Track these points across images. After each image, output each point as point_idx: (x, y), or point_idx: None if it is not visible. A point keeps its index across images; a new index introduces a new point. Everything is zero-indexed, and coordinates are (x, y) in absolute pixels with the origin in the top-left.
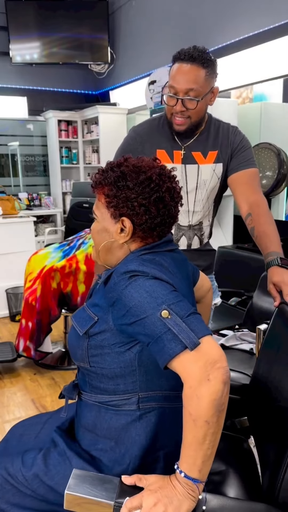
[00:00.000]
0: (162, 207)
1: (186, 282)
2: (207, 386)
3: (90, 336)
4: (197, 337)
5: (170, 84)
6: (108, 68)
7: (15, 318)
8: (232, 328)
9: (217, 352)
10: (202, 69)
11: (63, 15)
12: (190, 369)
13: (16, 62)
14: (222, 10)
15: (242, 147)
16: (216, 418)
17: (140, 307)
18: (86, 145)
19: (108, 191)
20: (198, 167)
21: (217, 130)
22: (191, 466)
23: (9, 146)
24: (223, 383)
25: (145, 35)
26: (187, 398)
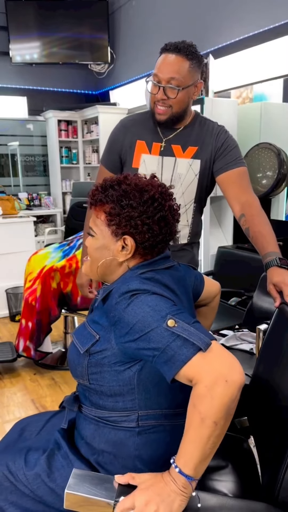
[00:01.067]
0: (164, 225)
1: (185, 298)
2: (223, 387)
3: (90, 354)
4: (209, 338)
5: (154, 72)
6: (108, 68)
7: (15, 318)
8: (232, 328)
9: (229, 354)
10: (186, 60)
11: (63, 15)
12: (206, 369)
13: (16, 62)
14: (222, 10)
15: (228, 147)
16: (224, 421)
17: (144, 322)
18: (86, 145)
19: (110, 209)
20: (175, 160)
21: (202, 128)
22: (187, 462)
23: (9, 146)
24: (239, 388)
25: (145, 35)
26: (200, 396)
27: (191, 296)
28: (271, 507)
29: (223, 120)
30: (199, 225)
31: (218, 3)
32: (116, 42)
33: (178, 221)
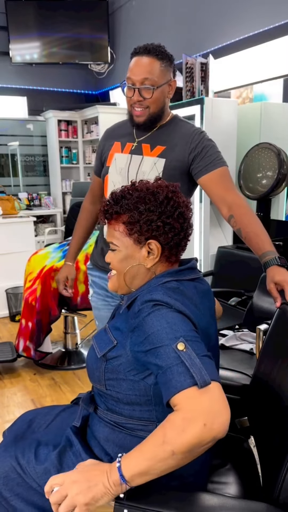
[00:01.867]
0: (183, 221)
1: (208, 313)
2: (198, 429)
3: (107, 360)
4: (210, 378)
5: (127, 76)
6: (108, 68)
7: (15, 318)
8: (232, 328)
9: (224, 405)
10: (157, 60)
11: (63, 15)
12: (193, 404)
13: (16, 62)
14: (222, 10)
15: (204, 148)
16: (182, 456)
17: (158, 336)
18: (86, 145)
19: (129, 219)
20: (142, 158)
21: (176, 129)
22: (130, 466)
23: (9, 146)
24: (213, 438)
25: (145, 35)
26: (172, 423)
27: (214, 312)
28: (271, 508)
29: (223, 120)
30: None
31: (218, 3)
32: (116, 42)
33: (192, 215)
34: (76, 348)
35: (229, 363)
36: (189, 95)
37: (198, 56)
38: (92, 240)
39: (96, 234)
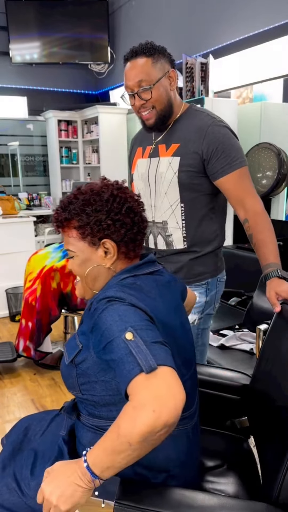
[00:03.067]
0: (133, 216)
1: (170, 305)
2: (148, 416)
3: (77, 365)
4: (156, 362)
5: (125, 85)
6: (108, 68)
7: (15, 318)
8: (232, 328)
9: (173, 389)
10: (146, 58)
11: (63, 15)
12: (142, 391)
13: (16, 62)
14: (222, 10)
15: (220, 145)
16: (140, 447)
17: (110, 330)
18: (86, 145)
19: (78, 223)
20: (159, 160)
21: (190, 122)
22: (95, 463)
23: (9, 146)
24: (163, 424)
25: (145, 35)
26: (125, 414)
27: (180, 301)
28: (271, 508)
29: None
30: (199, 230)
31: (218, 3)
32: (116, 42)
33: (144, 210)
34: None
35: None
36: (189, 95)
37: (198, 56)
38: None
39: None
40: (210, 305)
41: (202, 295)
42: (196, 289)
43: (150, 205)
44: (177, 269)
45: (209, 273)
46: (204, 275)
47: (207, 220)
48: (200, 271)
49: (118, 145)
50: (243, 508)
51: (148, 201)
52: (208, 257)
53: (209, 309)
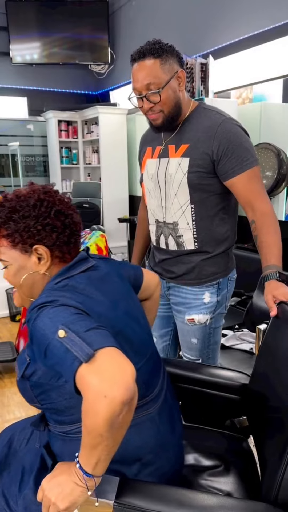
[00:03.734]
0: (64, 218)
1: (111, 297)
2: (103, 404)
3: (28, 378)
4: (92, 349)
5: (132, 87)
6: (108, 68)
7: (16, 318)
8: (232, 328)
9: (117, 367)
10: (155, 59)
11: (63, 15)
12: (86, 383)
13: (16, 62)
14: (222, 11)
15: (230, 145)
16: (111, 433)
17: (44, 336)
18: (86, 145)
19: (7, 231)
20: (168, 161)
21: (199, 122)
22: (86, 463)
23: (9, 147)
24: (120, 403)
25: (145, 36)
26: (84, 412)
27: (128, 289)
28: (270, 507)
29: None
30: (210, 231)
31: (218, 3)
32: (116, 43)
33: (75, 211)
34: None
35: (229, 363)
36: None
37: (198, 56)
38: (92, 240)
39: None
40: (221, 304)
41: (213, 295)
42: (208, 289)
43: (160, 205)
44: (189, 269)
45: (220, 273)
46: (216, 275)
47: (218, 221)
48: (212, 271)
49: (118, 146)
50: (243, 508)
51: (159, 202)
52: (220, 257)
53: (220, 309)
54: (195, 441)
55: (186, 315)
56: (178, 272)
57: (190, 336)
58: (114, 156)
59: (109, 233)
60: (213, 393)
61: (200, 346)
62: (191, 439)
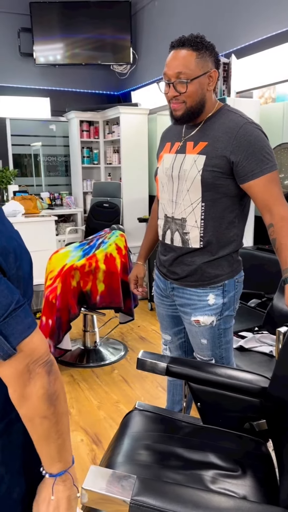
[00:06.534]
0: None
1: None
2: (30, 385)
3: None
4: (13, 346)
5: (163, 72)
6: (130, 68)
7: (36, 315)
8: (252, 330)
9: (41, 349)
10: (192, 52)
11: (86, 16)
12: (9, 374)
13: (39, 63)
14: (244, 10)
15: (249, 147)
16: (52, 409)
17: None
18: (107, 145)
19: None
20: (184, 156)
21: (221, 122)
22: (50, 462)
23: (32, 147)
24: (47, 375)
25: (168, 35)
26: (15, 402)
27: None
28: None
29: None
30: (217, 232)
31: (240, 2)
32: (139, 43)
33: None
34: (95, 346)
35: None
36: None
37: (220, 56)
38: (112, 240)
39: (116, 233)
40: (229, 306)
41: (218, 297)
42: (212, 291)
43: (171, 200)
44: (191, 271)
45: (225, 275)
46: (220, 277)
47: (226, 223)
48: (215, 273)
49: (139, 146)
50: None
51: (170, 197)
52: (223, 259)
53: (228, 311)
54: (213, 442)
55: (192, 316)
56: (181, 273)
57: (199, 337)
58: (135, 156)
59: (128, 233)
60: (232, 395)
61: (210, 347)
62: (209, 441)
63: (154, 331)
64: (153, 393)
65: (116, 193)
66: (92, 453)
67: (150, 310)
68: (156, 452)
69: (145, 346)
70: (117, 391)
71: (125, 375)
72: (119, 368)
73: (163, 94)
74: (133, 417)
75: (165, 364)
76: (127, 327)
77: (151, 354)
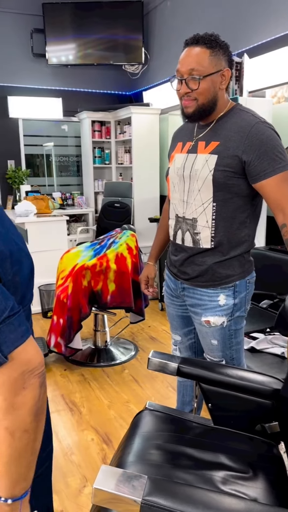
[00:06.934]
0: None
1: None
2: (23, 394)
3: None
4: (4, 355)
5: (176, 68)
6: (142, 68)
7: (47, 315)
8: (263, 331)
9: (35, 360)
10: (206, 49)
11: (98, 16)
12: (1, 382)
13: (52, 63)
14: (256, 9)
15: (261, 146)
16: (35, 424)
17: None
18: (119, 145)
19: None
20: (196, 156)
21: (233, 121)
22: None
23: (44, 147)
24: (40, 387)
25: (180, 35)
26: (3, 411)
27: None
28: None
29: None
30: (229, 232)
31: (252, 1)
32: (151, 43)
33: None
34: (106, 346)
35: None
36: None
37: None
38: (123, 240)
39: (127, 233)
40: (240, 307)
41: (229, 297)
42: (223, 292)
43: (182, 200)
44: (202, 272)
45: (236, 276)
46: (231, 278)
47: (238, 224)
48: (226, 274)
49: (150, 146)
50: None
51: (181, 197)
52: (234, 260)
53: (239, 312)
54: (224, 444)
55: (202, 317)
56: (192, 274)
57: (209, 338)
58: (146, 156)
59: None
60: (243, 397)
61: (221, 347)
62: (220, 442)
63: (165, 331)
64: (164, 393)
65: (127, 193)
66: (102, 453)
67: (161, 310)
68: (167, 452)
69: (156, 346)
70: (128, 391)
71: (135, 375)
72: (129, 368)
73: (175, 91)
74: (144, 417)
75: (176, 365)
76: (138, 327)
77: (162, 354)
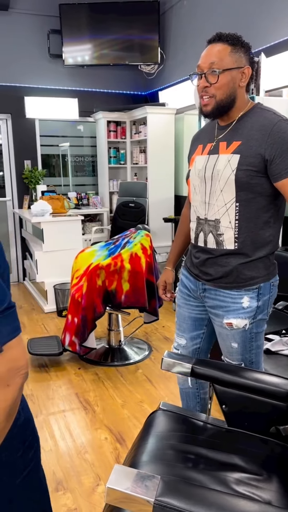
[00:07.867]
0: None
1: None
2: (4, 392)
3: None
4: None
5: (197, 64)
6: (158, 68)
7: (62, 313)
8: (279, 332)
9: (22, 359)
10: (228, 46)
11: (114, 16)
12: None
13: (68, 64)
14: (273, 7)
15: (284, 144)
16: (5, 424)
17: None
18: (134, 145)
19: None
20: (217, 157)
21: (254, 120)
22: None
23: (60, 147)
24: (19, 389)
25: (196, 35)
26: None
27: None
28: None
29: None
30: (253, 233)
31: (269, 1)
32: (167, 43)
33: None
34: (119, 345)
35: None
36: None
37: None
38: (137, 240)
39: (141, 233)
40: (262, 310)
41: (253, 299)
42: (247, 294)
43: (204, 202)
44: (226, 272)
45: (261, 278)
46: (256, 280)
47: (262, 224)
48: (250, 275)
49: (166, 146)
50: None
51: (203, 198)
52: (259, 261)
53: (261, 315)
54: (238, 445)
55: (224, 319)
56: (215, 274)
57: (229, 341)
58: (161, 156)
59: (154, 233)
60: (258, 398)
61: (241, 351)
62: (234, 444)
63: None
64: (177, 393)
65: (142, 193)
66: (115, 452)
67: (175, 311)
68: (181, 452)
69: (169, 346)
70: (141, 391)
71: (149, 375)
72: (143, 368)
73: (195, 88)
74: (157, 417)
75: (190, 365)
76: (152, 327)
77: (176, 355)
